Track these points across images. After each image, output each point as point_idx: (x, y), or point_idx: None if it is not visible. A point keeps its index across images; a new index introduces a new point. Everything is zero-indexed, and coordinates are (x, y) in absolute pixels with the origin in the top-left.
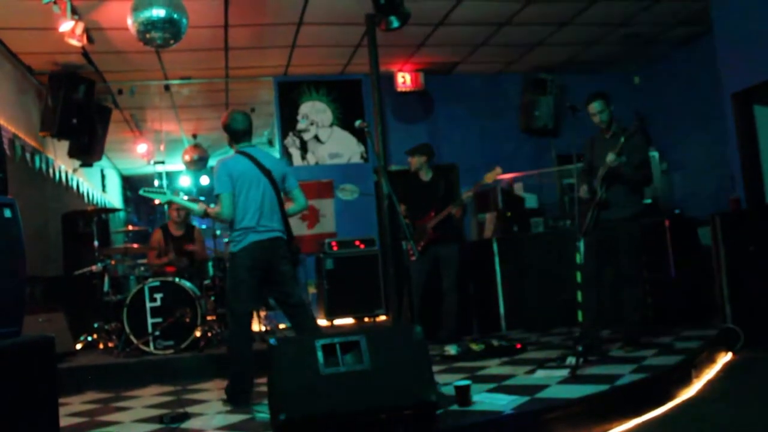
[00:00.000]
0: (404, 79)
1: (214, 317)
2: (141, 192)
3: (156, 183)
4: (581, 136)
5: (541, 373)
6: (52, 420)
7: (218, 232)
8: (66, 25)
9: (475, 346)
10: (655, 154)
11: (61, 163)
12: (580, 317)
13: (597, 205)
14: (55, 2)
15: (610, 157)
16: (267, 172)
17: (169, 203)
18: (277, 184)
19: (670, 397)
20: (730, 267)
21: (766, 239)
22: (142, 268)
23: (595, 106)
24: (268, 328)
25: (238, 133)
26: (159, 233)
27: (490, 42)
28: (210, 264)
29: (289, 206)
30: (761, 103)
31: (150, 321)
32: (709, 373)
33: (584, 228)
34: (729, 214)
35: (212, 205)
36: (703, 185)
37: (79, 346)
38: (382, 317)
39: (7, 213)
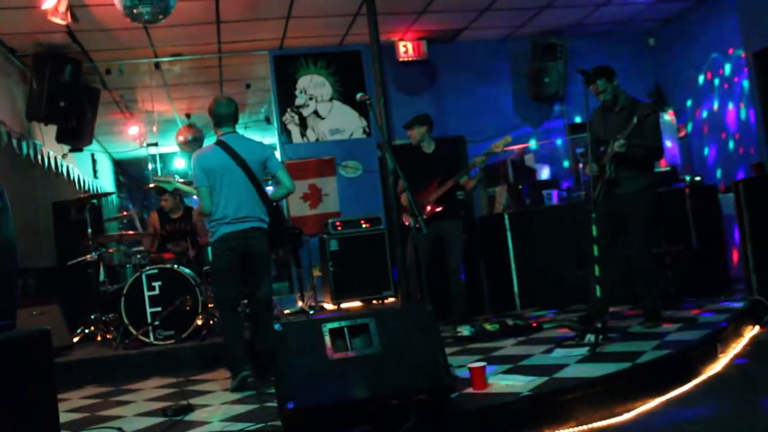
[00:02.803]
0: (406, 49)
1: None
2: (152, 181)
3: (150, 166)
4: (594, 102)
5: (559, 353)
6: (51, 416)
7: None
8: (48, 2)
9: (489, 326)
10: (672, 119)
11: (50, 149)
12: (598, 292)
13: (606, 182)
14: None
15: (619, 143)
16: (241, 162)
17: (165, 191)
18: (254, 172)
19: (695, 374)
20: (755, 235)
21: None
22: (139, 256)
23: (599, 85)
24: (274, 313)
25: (220, 117)
26: (155, 216)
27: (495, 6)
28: (210, 249)
29: (275, 190)
30: None
31: (149, 310)
32: (736, 347)
33: (594, 202)
34: (752, 180)
35: None
36: (724, 150)
37: (76, 339)
38: (391, 299)
39: None
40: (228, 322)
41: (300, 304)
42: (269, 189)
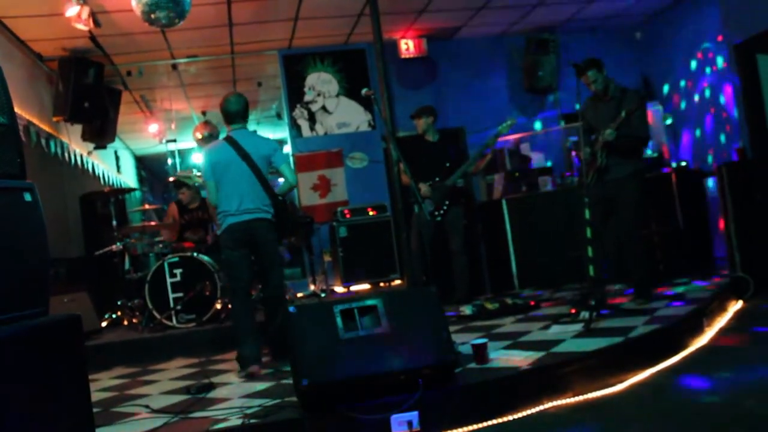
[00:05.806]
0: (407, 46)
1: None
2: (173, 176)
3: (170, 161)
4: (584, 93)
5: (555, 329)
6: (84, 396)
7: None
8: (72, 10)
9: (489, 305)
10: (659, 108)
11: (76, 147)
12: (591, 272)
13: (597, 169)
14: None
15: (609, 133)
16: (245, 156)
17: (183, 185)
18: (258, 165)
19: (683, 347)
20: (738, 216)
21: None
22: (161, 245)
23: (589, 76)
24: (287, 297)
25: (230, 114)
26: (174, 207)
27: (491, 4)
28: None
29: (280, 185)
30: (764, 52)
31: (171, 296)
32: (721, 321)
33: (586, 187)
34: (735, 164)
35: None
36: (708, 137)
37: (104, 324)
38: (397, 281)
39: (27, 197)
40: (239, 316)
41: (312, 287)
42: (280, 180)
